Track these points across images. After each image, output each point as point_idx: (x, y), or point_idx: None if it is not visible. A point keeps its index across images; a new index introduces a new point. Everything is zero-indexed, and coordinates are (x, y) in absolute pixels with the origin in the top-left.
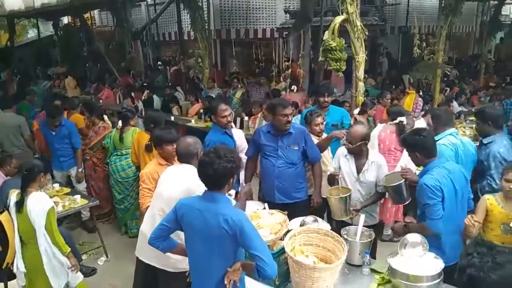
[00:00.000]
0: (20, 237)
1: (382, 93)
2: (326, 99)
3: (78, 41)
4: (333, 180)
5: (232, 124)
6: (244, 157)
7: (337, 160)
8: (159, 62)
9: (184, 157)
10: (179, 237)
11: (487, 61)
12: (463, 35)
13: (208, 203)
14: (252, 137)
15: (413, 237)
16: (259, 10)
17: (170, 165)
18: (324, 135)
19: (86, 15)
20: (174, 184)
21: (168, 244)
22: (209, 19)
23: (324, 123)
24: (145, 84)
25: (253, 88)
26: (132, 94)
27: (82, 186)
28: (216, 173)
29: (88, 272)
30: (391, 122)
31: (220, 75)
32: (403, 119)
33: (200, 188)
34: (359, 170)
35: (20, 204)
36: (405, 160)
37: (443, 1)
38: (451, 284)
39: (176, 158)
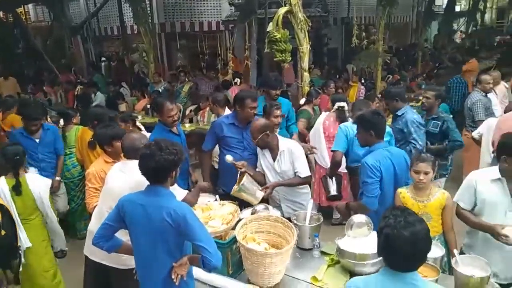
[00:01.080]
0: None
1: (327, 82)
2: (278, 92)
3: (11, 37)
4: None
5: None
6: None
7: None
8: (102, 58)
9: (131, 153)
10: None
11: (423, 49)
12: (402, 25)
13: (150, 197)
14: (211, 130)
15: (359, 218)
16: (204, 3)
17: (117, 162)
18: None
19: (20, 10)
20: (124, 179)
21: (113, 243)
22: (153, 12)
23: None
24: (85, 81)
25: (202, 81)
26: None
27: (61, 203)
28: (158, 166)
29: None
30: (333, 110)
31: (166, 69)
32: (342, 104)
33: None
34: (274, 160)
35: (18, 187)
36: None
37: None
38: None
39: (122, 154)
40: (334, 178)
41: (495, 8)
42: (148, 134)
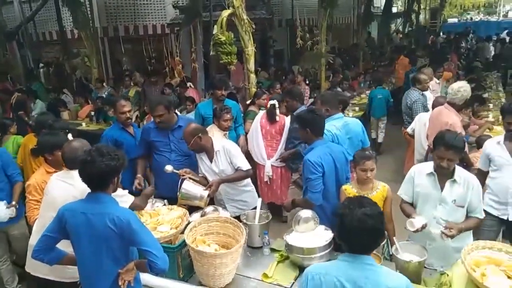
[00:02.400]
0: None
1: (273, 83)
2: (223, 93)
3: None
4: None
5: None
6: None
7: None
8: (41, 64)
9: (72, 163)
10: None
11: (364, 49)
12: (343, 26)
13: (92, 205)
14: (141, 136)
15: (305, 213)
16: (148, 6)
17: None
18: None
19: None
20: (67, 189)
21: (54, 255)
22: (93, 16)
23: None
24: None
25: (150, 86)
26: None
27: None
28: (100, 172)
29: None
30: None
31: (110, 74)
32: (273, 102)
33: None
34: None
35: None
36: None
37: None
38: (339, 251)
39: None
40: None
41: (428, 9)
42: None
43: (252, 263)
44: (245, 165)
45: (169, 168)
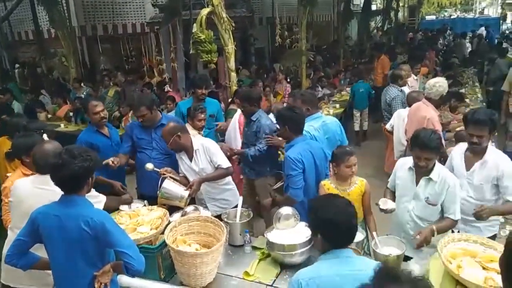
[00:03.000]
0: None
1: (254, 81)
2: (204, 91)
3: None
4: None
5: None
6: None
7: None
8: (16, 65)
9: (43, 167)
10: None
11: (344, 47)
12: (324, 23)
13: (66, 207)
14: (125, 133)
15: (286, 210)
16: (127, 5)
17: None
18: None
19: None
20: (46, 195)
21: (28, 260)
22: (70, 15)
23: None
24: None
25: (130, 86)
26: None
27: None
28: (73, 175)
29: None
30: None
31: (89, 74)
32: None
33: None
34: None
35: None
36: None
37: None
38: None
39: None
40: None
41: (406, 7)
42: None
43: (233, 261)
44: (225, 163)
45: (149, 166)
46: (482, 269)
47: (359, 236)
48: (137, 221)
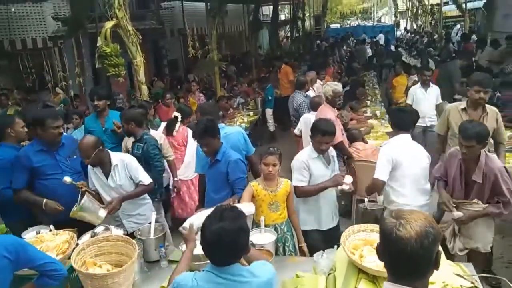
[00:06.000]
0: None
1: (164, 93)
2: (98, 103)
3: None
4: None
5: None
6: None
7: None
8: None
9: None
10: None
11: (256, 56)
12: (236, 34)
13: None
14: (17, 165)
15: (200, 220)
16: (25, 18)
17: None
18: None
19: None
20: None
21: None
22: None
23: None
24: None
25: (31, 105)
26: None
27: None
28: None
29: None
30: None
31: None
32: (176, 114)
33: None
34: (107, 177)
35: None
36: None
37: (209, 4)
38: None
39: None
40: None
41: (312, 16)
42: None
43: (150, 277)
44: (147, 179)
45: (67, 179)
46: None
47: (271, 237)
48: (41, 248)
